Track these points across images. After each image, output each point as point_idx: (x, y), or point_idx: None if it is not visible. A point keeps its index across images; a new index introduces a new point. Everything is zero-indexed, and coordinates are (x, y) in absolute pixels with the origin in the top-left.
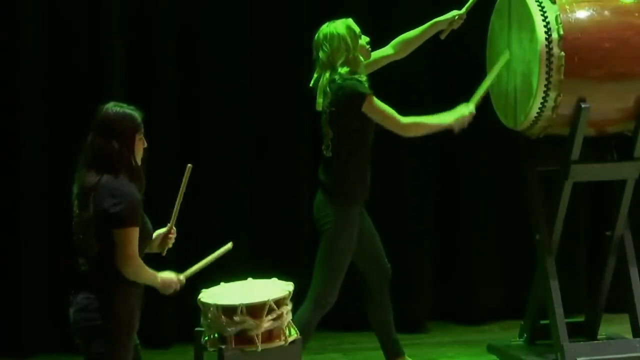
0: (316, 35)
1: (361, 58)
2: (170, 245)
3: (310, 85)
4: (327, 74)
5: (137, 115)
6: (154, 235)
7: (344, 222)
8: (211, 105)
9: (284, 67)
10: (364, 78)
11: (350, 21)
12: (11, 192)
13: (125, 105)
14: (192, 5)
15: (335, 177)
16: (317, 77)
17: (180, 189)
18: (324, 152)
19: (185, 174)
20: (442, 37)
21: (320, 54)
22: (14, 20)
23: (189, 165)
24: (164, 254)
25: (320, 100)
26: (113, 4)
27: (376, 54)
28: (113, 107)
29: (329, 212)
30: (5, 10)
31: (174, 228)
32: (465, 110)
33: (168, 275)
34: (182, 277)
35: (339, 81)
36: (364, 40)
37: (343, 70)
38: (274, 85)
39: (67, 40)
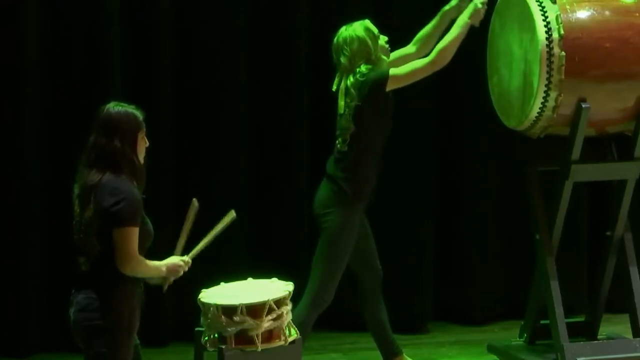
0: (335, 39)
1: (384, 57)
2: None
3: (333, 89)
4: (350, 78)
5: (138, 114)
6: (169, 261)
7: (348, 220)
8: (210, 104)
9: (284, 66)
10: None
11: (367, 22)
12: (11, 192)
13: (126, 104)
14: (192, 4)
15: (348, 172)
16: (338, 81)
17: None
18: (338, 147)
19: (191, 209)
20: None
21: (342, 59)
22: (13, 21)
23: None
24: (165, 289)
25: (342, 103)
26: (113, 4)
27: (399, 52)
28: (114, 106)
29: (334, 210)
30: (5, 10)
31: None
32: (474, 3)
33: (172, 260)
34: (187, 258)
35: (360, 78)
36: (382, 40)
37: (363, 67)
38: (274, 84)
39: (67, 41)
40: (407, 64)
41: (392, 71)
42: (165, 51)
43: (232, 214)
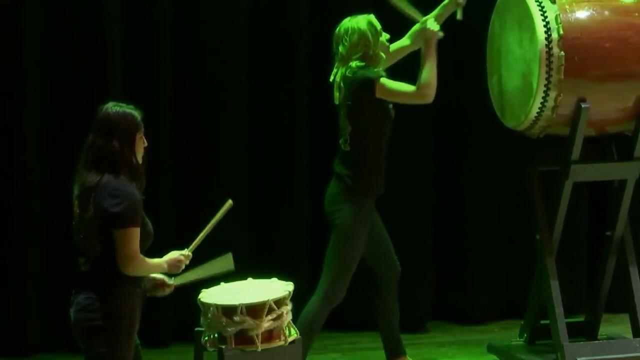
0: (337, 29)
1: (382, 54)
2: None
3: (330, 80)
4: (343, 69)
5: (137, 114)
6: (169, 256)
7: (358, 215)
8: (210, 104)
9: (284, 66)
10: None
11: (372, 17)
12: (11, 192)
13: (124, 104)
14: (192, 4)
15: (352, 169)
16: (335, 71)
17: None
18: (342, 146)
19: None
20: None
21: (341, 48)
22: (13, 21)
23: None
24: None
25: (336, 94)
26: (113, 4)
27: (393, 46)
28: (113, 107)
29: (343, 206)
30: (5, 10)
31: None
32: (429, 27)
33: (172, 255)
34: (187, 251)
35: (349, 75)
36: (384, 37)
37: (354, 64)
38: (274, 84)
39: (67, 41)
40: (398, 84)
41: (383, 81)
42: (165, 51)
43: (229, 203)
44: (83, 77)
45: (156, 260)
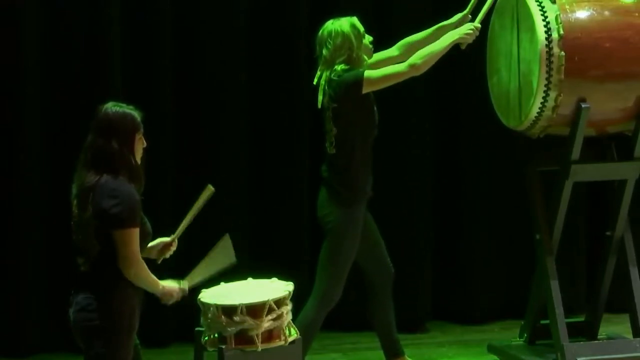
0: (320, 31)
1: (365, 57)
2: (168, 256)
3: (314, 83)
4: (327, 72)
5: (136, 114)
6: (157, 242)
7: (349, 219)
8: (210, 104)
9: (284, 66)
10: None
11: (354, 19)
12: (11, 192)
13: (124, 105)
14: (192, 4)
15: (339, 173)
16: (319, 74)
17: (195, 206)
18: (327, 149)
19: (203, 194)
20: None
21: (324, 51)
22: (13, 21)
23: (210, 187)
24: (159, 261)
25: (320, 97)
26: (113, 4)
27: (381, 54)
28: (112, 107)
29: (333, 210)
30: (5, 10)
31: (175, 240)
32: (469, 26)
33: (170, 284)
34: (184, 285)
35: (335, 78)
36: (367, 39)
37: (339, 67)
38: (274, 84)
39: (67, 41)
40: (383, 70)
41: (367, 73)
42: (165, 51)
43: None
44: (83, 77)
45: (155, 277)
